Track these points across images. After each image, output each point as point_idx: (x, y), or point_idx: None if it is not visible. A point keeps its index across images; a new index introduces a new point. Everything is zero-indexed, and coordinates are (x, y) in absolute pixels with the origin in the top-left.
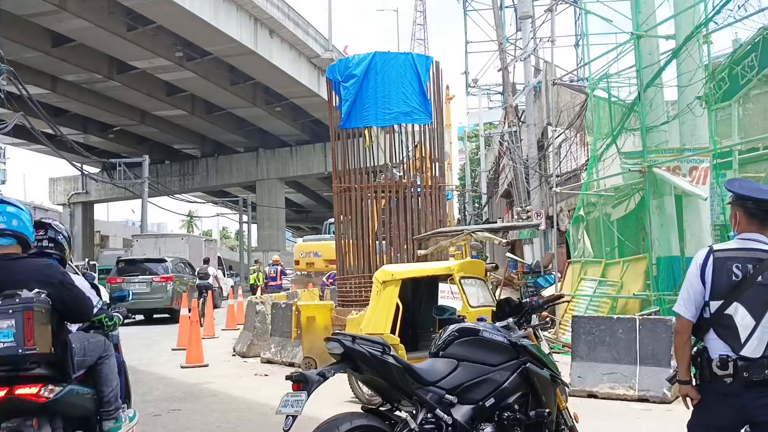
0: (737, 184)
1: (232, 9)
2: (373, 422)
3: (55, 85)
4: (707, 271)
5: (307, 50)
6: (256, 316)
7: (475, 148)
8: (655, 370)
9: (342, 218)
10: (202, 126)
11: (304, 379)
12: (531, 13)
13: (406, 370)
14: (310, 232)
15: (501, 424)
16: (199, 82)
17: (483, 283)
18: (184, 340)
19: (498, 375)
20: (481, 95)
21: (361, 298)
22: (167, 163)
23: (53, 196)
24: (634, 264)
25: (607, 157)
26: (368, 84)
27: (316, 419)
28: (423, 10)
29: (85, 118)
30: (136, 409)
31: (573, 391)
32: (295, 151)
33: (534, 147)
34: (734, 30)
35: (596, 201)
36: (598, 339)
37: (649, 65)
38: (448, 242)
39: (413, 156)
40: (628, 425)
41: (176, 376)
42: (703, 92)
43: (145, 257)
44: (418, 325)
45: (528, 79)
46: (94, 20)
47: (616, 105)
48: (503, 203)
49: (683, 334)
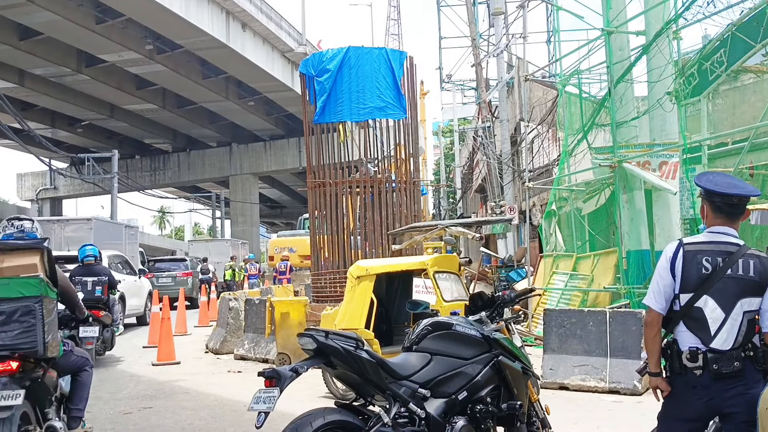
0: (706, 178)
1: (203, 2)
2: (347, 417)
3: (23, 79)
4: (677, 264)
5: (280, 44)
6: (230, 312)
7: (450, 144)
8: (625, 362)
9: (317, 213)
10: (174, 120)
11: (277, 375)
12: (503, 9)
13: (380, 365)
14: (285, 227)
15: (473, 417)
16: (170, 76)
17: (457, 277)
18: (155, 337)
19: (471, 368)
20: (455, 91)
21: (335, 294)
22: (137, 158)
23: (21, 192)
24: (604, 258)
25: (579, 153)
26: (342, 79)
27: (289, 415)
28: (397, 5)
29: (53, 113)
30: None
31: (544, 384)
32: (269, 146)
33: (507, 142)
34: (703, 26)
35: (568, 196)
36: (570, 332)
37: (620, 61)
38: (422, 237)
39: (394, 156)
40: (599, 417)
41: (147, 374)
42: (672, 88)
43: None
44: (392, 319)
45: (501, 75)
46: (62, 13)
47: (587, 101)
48: (477, 198)
49: (653, 327)
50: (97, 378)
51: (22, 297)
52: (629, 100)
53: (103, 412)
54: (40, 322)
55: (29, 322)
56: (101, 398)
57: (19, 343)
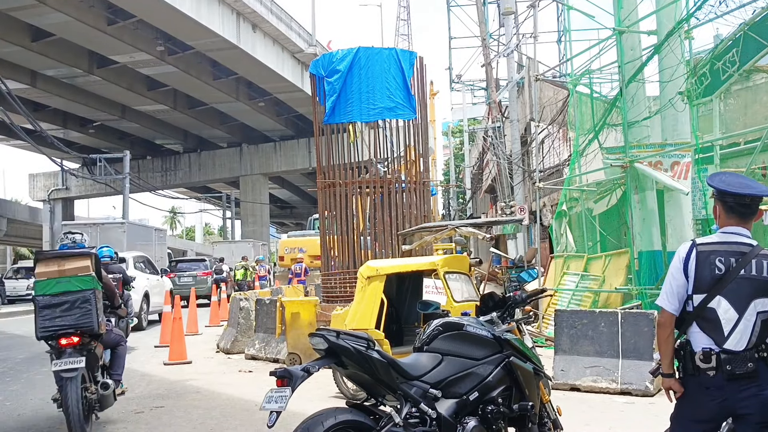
0: (718, 178)
1: (214, 3)
2: (358, 417)
3: (35, 80)
4: (690, 264)
5: (290, 45)
6: (240, 312)
7: (460, 144)
8: (637, 363)
9: (327, 214)
10: (185, 121)
11: (289, 375)
12: (514, 9)
13: (391, 365)
14: (295, 228)
15: (485, 418)
16: (181, 77)
17: (467, 278)
18: (167, 336)
19: (482, 369)
20: (465, 91)
21: (345, 294)
22: (149, 158)
23: (33, 192)
24: (616, 258)
25: (590, 153)
26: (352, 79)
27: (300, 415)
28: (407, 6)
29: (65, 113)
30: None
31: (556, 385)
32: (279, 146)
33: (517, 142)
34: (715, 26)
35: (578, 196)
36: (581, 333)
37: (631, 61)
38: (432, 237)
39: (404, 158)
40: (611, 418)
41: (159, 373)
42: (684, 88)
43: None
44: (402, 320)
45: (511, 75)
46: (74, 14)
47: (598, 101)
48: (487, 198)
49: (666, 328)
50: None
51: (81, 290)
52: (641, 100)
53: (115, 411)
54: (95, 308)
55: (87, 308)
56: None
57: (81, 323)
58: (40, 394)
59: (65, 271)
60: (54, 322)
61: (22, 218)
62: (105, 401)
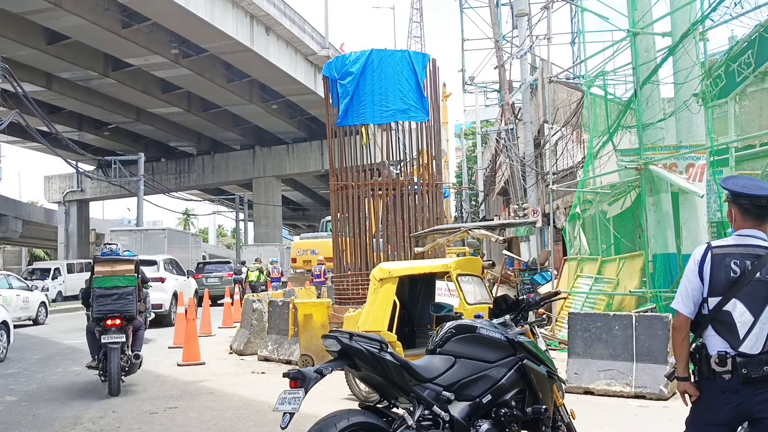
0: (733, 181)
1: (228, 6)
2: (371, 419)
3: (51, 83)
4: (705, 267)
5: (303, 48)
6: (253, 313)
7: (472, 146)
8: (651, 366)
9: (339, 216)
10: (198, 123)
11: (302, 377)
12: (527, 10)
13: (404, 367)
14: (307, 230)
15: (498, 421)
16: (195, 80)
17: (480, 280)
18: (181, 338)
19: (495, 372)
20: (477, 93)
21: (358, 296)
22: (163, 160)
23: (48, 194)
24: (630, 261)
25: (604, 155)
26: (365, 81)
27: (313, 416)
28: (419, 8)
29: (80, 116)
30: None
31: (569, 388)
32: (292, 148)
33: (530, 144)
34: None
35: (592, 198)
36: (595, 336)
37: (646, 62)
38: (445, 240)
39: (417, 162)
40: (624, 422)
41: (173, 374)
42: (699, 89)
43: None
44: (415, 322)
45: (524, 77)
46: (89, 17)
47: (612, 102)
48: (500, 201)
49: (681, 331)
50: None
51: (126, 286)
52: (655, 102)
53: (130, 412)
54: (134, 299)
55: (130, 299)
56: (128, 398)
57: (124, 310)
58: (55, 394)
59: (116, 271)
60: (106, 307)
61: (38, 220)
62: (132, 369)
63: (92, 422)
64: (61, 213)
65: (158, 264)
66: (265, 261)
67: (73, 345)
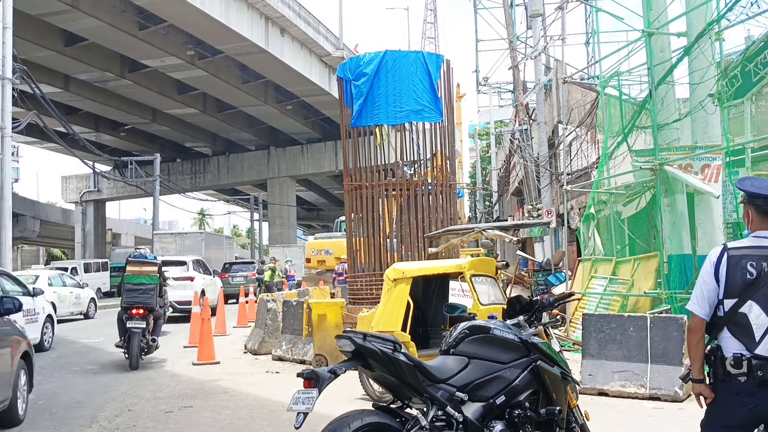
0: (748, 182)
1: (243, 8)
2: (384, 419)
3: (68, 84)
4: (721, 268)
5: (318, 49)
6: (268, 313)
7: (486, 147)
8: (666, 368)
9: (353, 216)
10: (214, 124)
11: (315, 377)
12: (541, 11)
13: (417, 368)
14: (321, 230)
15: (512, 422)
16: (211, 81)
17: (494, 281)
18: (196, 337)
19: (509, 372)
20: (491, 93)
21: (372, 296)
22: (178, 161)
23: (65, 194)
24: (645, 262)
25: (618, 155)
26: (379, 82)
27: (327, 416)
28: (434, 9)
29: (97, 117)
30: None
31: (584, 389)
32: (306, 149)
33: (545, 145)
34: (747, 27)
35: (607, 199)
36: (609, 337)
37: (661, 63)
38: (458, 240)
39: (431, 163)
40: (639, 423)
41: (188, 373)
42: (715, 89)
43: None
44: (428, 322)
45: (539, 77)
46: (106, 19)
47: (627, 103)
48: (514, 201)
49: (697, 333)
50: (139, 377)
51: (150, 283)
52: (670, 102)
53: (145, 411)
54: (156, 294)
55: (152, 294)
56: (143, 397)
57: (146, 302)
58: (71, 392)
59: (142, 271)
60: (133, 298)
61: (55, 220)
62: (150, 350)
63: (108, 420)
64: (78, 213)
65: (187, 264)
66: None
67: (89, 344)
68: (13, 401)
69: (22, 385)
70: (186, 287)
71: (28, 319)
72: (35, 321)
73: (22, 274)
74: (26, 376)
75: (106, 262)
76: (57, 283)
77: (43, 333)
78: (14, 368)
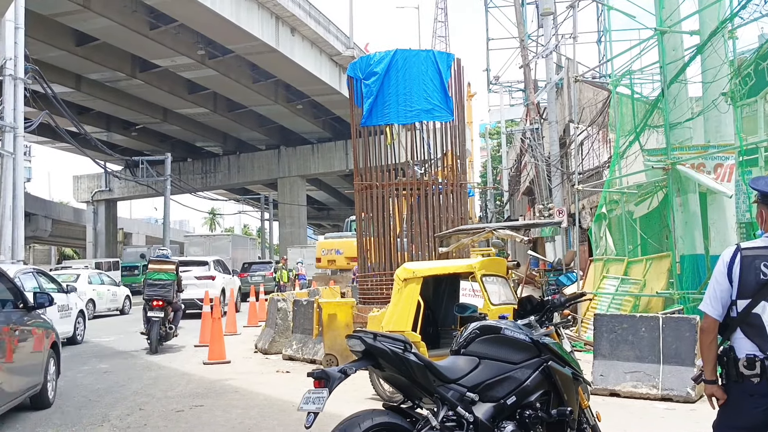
0: (762, 182)
1: (253, 7)
2: (395, 419)
3: (79, 84)
4: (734, 269)
5: (328, 48)
6: (278, 313)
7: (497, 146)
8: (678, 369)
9: (363, 215)
10: (224, 124)
11: (326, 376)
12: (552, 9)
13: (428, 368)
14: (332, 229)
15: (522, 422)
16: (221, 80)
17: (504, 280)
18: (207, 336)
19: (519, 373)
20: (502, 92)
21: (382, 296)
22: (189, 160)
23: (77, 194)
24: (657, 262)
25: (630, 155)
26: (390, 81)
27: (336, 416)
28: (444, 7)
29: (108, 117)
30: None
31: (595, 390)
32: (317, 148)
33: (556, 144)
34: (760, 25)
35: (619, 198)
36: (621, 337)
37: (673, 61)
38: (469, 240)
39: (442, 162)
40: (651, 424)
41: (198, 373)
42: (728, 88)
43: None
44: (439, 322)
45: (550, 76)
46: (117, 19)
47: (639, 102)
48: (525, 201)
49: (709, 333)
50: (150, 376)
51: (168, 279)
52: (683, 101)
53: (156, 410)
54: (173, 289)
55: (169, 288)
56: (154, 396)
57: (165, 296)
58: (83, 391)
59: (162, 269)
60: (153, 292)
61: (67, 219)
62: (168, 337)
63: (119, 419)
64: (90, 212)
65: (209, 264)
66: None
67: (101, 343)
68: (44, 386)
69: (52, 373)
70: (208, 286)
71: (62, 314)
72: (69, 316)
73: (63, 273)
74: (55, 365)
75: (118, 261)
76: (96, 281)
77: (76, 327)
78: (45, 357)
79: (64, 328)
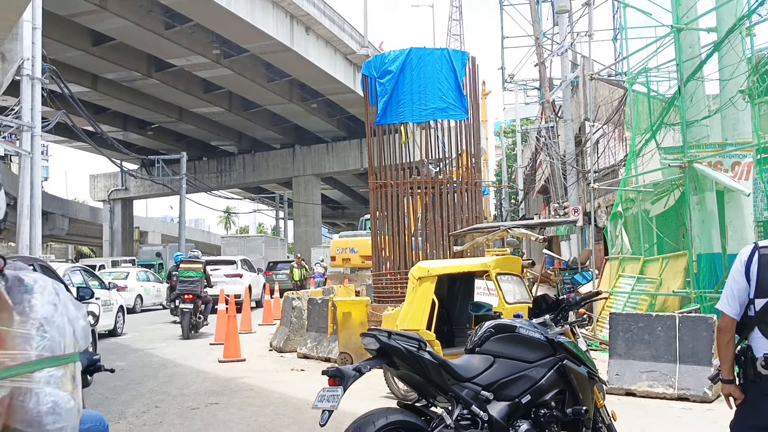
0: None
1: (268, 6)
2: (409, 418)
3: (96, 84)
4: (752, 267)
5: (342, 47)
6: (293, 311)
7: (512, 144)
8: (695, 368)
9: (378, 214)
10: (239, 123)
11: (340, 375)
12: (568, 7)
13: (442, 366)
14: (346, 228)
15: (537, 421)
16: (236, 79)
17: (519, 279)
18: (222, 334)
19: (534, 372)
20: (517, 91)
21: (396, 294)
22: (204, 159)
23: (94, 193)
24: (673, 261)
25: (646, 153)
26: (404, 80)
27: (351, 414)
28: (459, 6)
29: (124, 116)
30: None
31: (611, 389)
32: (331, 147)
33: (571, 142)
34: None
35: (635, 197)
36: (637, 336)
37: (690, 59)
38: (484, 238)
39: (456, 162)
40: (667, 424)
41: (214, 371)
42: (746, 85)
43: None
44: (454, 321)
45: (565, 74)
46: (133, 19)
47: (655, 99)
48: (540, 199)
49: (727, 333)
50: (166, 374)
51: (197, 277)
52: (700, 99)
53: (172, 407)
54: (201, 285)
55: (197, 284)
56: (170, 393)
57: (194, 290)
58: (100, 388)
59: (192, 267)
60: (185, 288)
61: (83, 218)
62: (197, 326)
63: (136, 417)
64: (106, 211)
65: (237, 263)
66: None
67: (117, 341)
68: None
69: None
70: (236, 282)
71: (105, 309)
72: (110, 310)
73: (113, 270)
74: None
75: (134, 260)
76: (143, 278)
77: (117, 320)
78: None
79: (105, 322)
